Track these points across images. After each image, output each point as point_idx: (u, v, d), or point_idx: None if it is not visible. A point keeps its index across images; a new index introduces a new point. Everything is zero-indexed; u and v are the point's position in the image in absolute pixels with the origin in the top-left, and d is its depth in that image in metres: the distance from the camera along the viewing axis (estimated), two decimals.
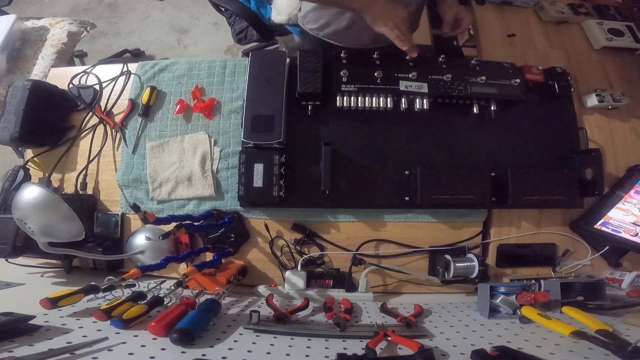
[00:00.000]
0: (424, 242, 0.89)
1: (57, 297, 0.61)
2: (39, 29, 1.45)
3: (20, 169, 0.93)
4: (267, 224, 0.89)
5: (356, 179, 0.87)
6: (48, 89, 0.96)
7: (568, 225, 0.92)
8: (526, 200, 0.84)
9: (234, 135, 0.92)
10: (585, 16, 1.08)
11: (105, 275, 0.70)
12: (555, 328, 0.64)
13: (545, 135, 0.91)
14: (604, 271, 0.90)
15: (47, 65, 1.32)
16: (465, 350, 0.57)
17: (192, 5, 2.37)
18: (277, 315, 0.66)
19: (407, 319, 0.67)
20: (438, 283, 0.87)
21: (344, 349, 0.57)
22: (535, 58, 1.01)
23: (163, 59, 1.12)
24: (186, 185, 0.90)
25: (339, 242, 0.89)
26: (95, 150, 0.95)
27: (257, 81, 0.86)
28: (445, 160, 0.89)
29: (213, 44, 2.23)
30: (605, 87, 0.98)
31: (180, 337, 0.53)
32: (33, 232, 0.61)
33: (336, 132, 0.88)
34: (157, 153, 0.92)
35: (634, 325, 0.66)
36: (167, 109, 0.96)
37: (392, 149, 0.88)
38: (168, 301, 0.68)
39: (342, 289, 0.84)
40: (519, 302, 0.73)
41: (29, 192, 0.61)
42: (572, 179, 0.85)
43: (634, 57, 1.06)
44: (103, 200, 0.94)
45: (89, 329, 0.57)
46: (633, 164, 0.94)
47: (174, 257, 0.72)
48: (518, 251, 0.91)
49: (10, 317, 0.54)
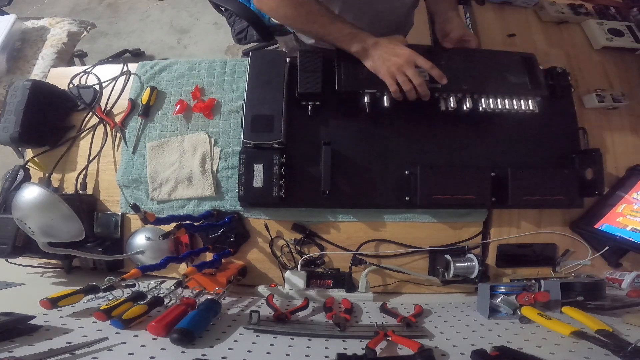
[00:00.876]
0: (424, 242, 0.89)
1: (57, 297, 0.61)
2: (39, 29, 1.45)
3: (20, 169, 0.93)
4: (267, 224, 0.89)
5: (356, 179, 0.87)
6: (48, 89, 0.96)
7: (568, 225, 0.92)
8: (526, 200, 0.83)
9: (234, 135, 0.92)
10: (585, 16, 1.08)
11: (105, 275, 0.70)
12: (555, 328, 0.64)
13: (545, 135, 0.91)
14: (604, 271, 0.90)
15: (47, 65, 1.32)
16: (465, 350, 0.57)
17: (192, 5, 2.37)
18: (277, 315, 0.66)
19: (407, 319, 0.67)
20: (438, 283, 0.87)
21: (344, 349, 0.57)
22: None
23: (163, 59, 1.12)
24: (186, 185, 0.90)
25: (339, 242, 0.89)
26: (95, 150, 0.95)
27: (257, 81, 0.86)
28: (445, 160, 0.89)
29: (213, 44, 2.23)
30: (605, 87, 0.98)
31: (180, 337, 0.53)
32: (33, 232, 0.61)
33: (336, 132, 0.88)
34: (157, 153, 0.92)
35: (634, 325, 0.66)
36: (167, 109, 0.95)
37: (392, 149, 0.88)
38: (168, 301, 0.68)
39: (342, 289, 0.84)
40: (519, 302, 0.72)
41: (29, 192, 0.61)
42: (572, 179, 0.85)
43: (634, 57, 1.05)
44: (103, 200, 0.94)
45: (89, 329, 0.57)
46: (633, 164, 0.94)
47: (174, 257, 0.72)
48: (518, 251, 0.91)
49: (10, 317, 0.54)
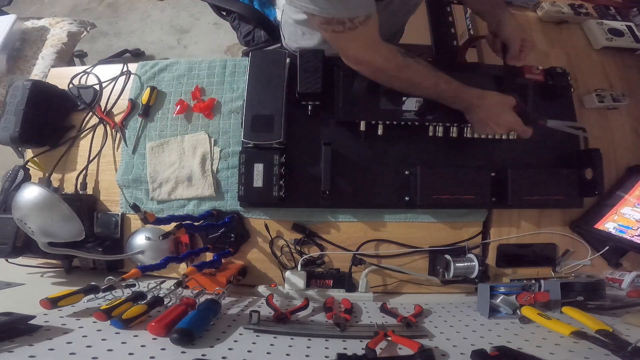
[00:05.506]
0: (424, 242, 0.89)
1: (57, 297, 0.61)
2: (39, 29, 1.44)
3: (20, 169, 0.93)
4: (267, 224, 0.89)
5: (356, 179, 0.87)
6: (48, 89, 0.96)
7: (568, 225, 0.92)
8: (526, 200, 0.84)
9: (234, 135, 0.92)
10: (585, 16, 1.07)
11: (105, 275, 0.70)
12: (555, 328, 0.64)
13: (545, 135, 0.91)
14: (604, 271, 0.90)
15: (47, 65, 1.32)
16: (465, 350, 0.57)
17: (192, 5, 2.37)
18: (277, 315, 0.66)
19: (407, 319, 0.67)
20: (438, 283, 0.87)
21: (344, 349, 0.57)
22: (535, 58, 1.01)
23: (163, 59, 1.12)
24: (186, 185, 0.90)
25: (339, 242, 0.89)
26: (95, 150, 0.95)
27: (257, 81, 0.86)
28: (445, 160, 0.89)
29: (213, 44, 2.23)
30: (605, 87, 0.98)
31: (180, 337, 0.53)
32: (33, 232, 0.61)
33: (336, 132, 0.88)
34: (157, 153, 0.92)
35: (634, 325, 0.66)
36: (167, 109, 0.95)
37: (392, 149, 0.88)
38: (168, 301, 0.68)
39: (342, 289, 0.84)
40: (519, 302, 0.72)
41: (29, 192, 0.61)
42: (572, 179, 0.85)
43: (634, 57, 1.05)
44: (103, 200, 0.94)
45: (89, 329, 0.57)
46: (633, 164, 0.94)
47: (174, 257, 0.72)
48: (518, 251, 0.91)
49: (10, 317, 0.54)
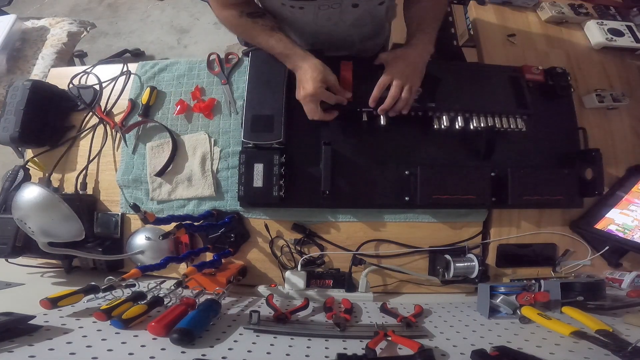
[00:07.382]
0: (424, 242, 0.89)
1: (57, 297, 0.61)
2: (39, 29, 1.45)
3: (20, 169, 0.93)
4: (267, 224, 0.89)
5: (356, 179, 0.87)
6: (48, 89, 0.96)
7: (568, 225, 0.92)
8: (526, 200, 0.84)
9: (234, 135, 0.92)
10: (585, 16, 1.08)
11: (105, 275, 0.70)
12: (555, 328, 0.64)
13: (545, 135, 0.91)
14: (604, 271, 0.90)
15: (47, 65, 1.32)
16: (465, 350, 0.57)
17: (192, 5, 2.37)
18: (277, 315, 0.66)
19: (407, 319, 0.67)
20: (438, 283, 0.87)
21: (344, 349, 0.57)
22: (535, 58, 1.01)
23: (163, 59, 1.12)
24: (186, 185, 0.90)
25: (339, 242, 0.89)
26: (95, 150, 0.95)
27: (257, 81, 0.86)
28: (445, 160, 0.89)
29: (213, 44, 2.23)
30: (605, 87, 0.98)
31: (180, 337, 0.53)
32: (33, 232, 0.61)
33: (336, 132, 0.88)
34: (157, 153, 0.92)
35: (634, 325, 0.66)
36: (167, 109, 0.95)
37: (392, 149, 0.88)
38: (168, 301, 0.68)
39: (342, 289, 0.84)
40: (519, 302, 0.72)
41: (29, 192, 0.61)
42: (572, 179, 0.85)
43: (634, 57, 1.05)
44: (103, 200, 0.94)
45: (89, 329, 0.57)
46: (633, 164, 0.94)
47: (174, 257, 0.72)
48: (518, 251, 0.91)
49: (10, 317, 0.54)
